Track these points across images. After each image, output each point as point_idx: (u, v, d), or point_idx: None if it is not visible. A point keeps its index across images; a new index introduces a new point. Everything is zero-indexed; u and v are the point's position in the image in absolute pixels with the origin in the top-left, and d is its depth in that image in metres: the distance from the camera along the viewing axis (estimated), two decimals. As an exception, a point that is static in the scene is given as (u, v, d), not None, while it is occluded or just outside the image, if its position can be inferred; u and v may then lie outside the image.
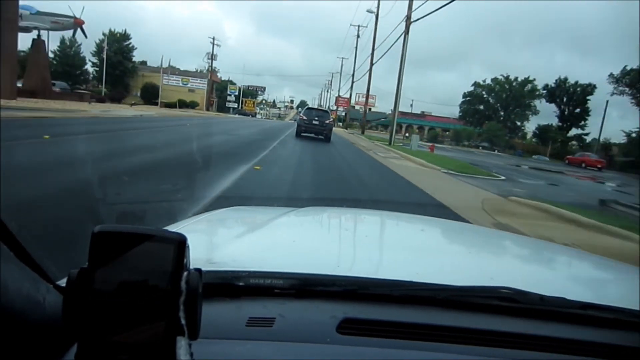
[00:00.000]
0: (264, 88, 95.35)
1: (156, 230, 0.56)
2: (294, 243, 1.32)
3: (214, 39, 63.18)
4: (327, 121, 21.59)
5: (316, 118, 21.40)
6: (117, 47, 56.17)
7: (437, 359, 0.73)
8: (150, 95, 54.06)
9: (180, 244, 0.54)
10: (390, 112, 78.72)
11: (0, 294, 0.51)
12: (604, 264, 1.60)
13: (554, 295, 0.86)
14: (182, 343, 0.54)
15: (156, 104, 50.34)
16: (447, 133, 68.89)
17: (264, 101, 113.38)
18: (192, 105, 57.15)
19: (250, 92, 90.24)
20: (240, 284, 0.84)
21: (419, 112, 77.60)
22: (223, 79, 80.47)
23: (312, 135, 21.34)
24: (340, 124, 69.78)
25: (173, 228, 1.18)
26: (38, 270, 0.62)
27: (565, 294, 0.87)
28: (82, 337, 0.53)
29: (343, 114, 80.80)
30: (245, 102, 79.97)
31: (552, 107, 57.39)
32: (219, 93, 72.63)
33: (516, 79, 60.26)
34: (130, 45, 58.85)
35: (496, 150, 51.40)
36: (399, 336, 0.76)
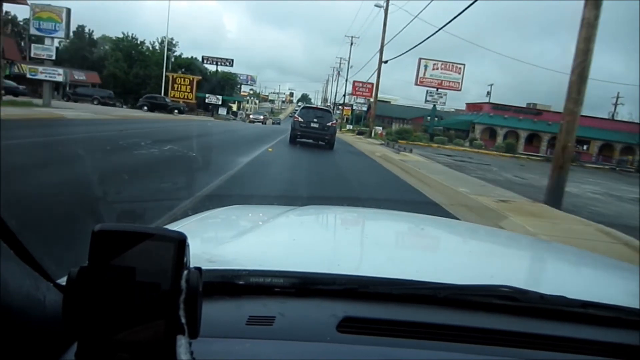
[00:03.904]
0: (232, 61, 51.90)
1: (156, 229, 0.56)
2: (294, 242, 1.32)
3: None
4: (329, 123, 16.99)
5: (315, 120, 16.55)
6: None
7: (437, 358, 0.73)
8: None
9: (180, 242, 0.54)
10: (454, 108, 47.77)
11: (0, 292, 0.51)
12: (604, 262, 1.60)
13: (553, 294, 0.86)
14: (182, 342, 0.54)
15: None
16: (586, 148, 39.80)
17: (252, 92, 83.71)
18: None
19: (228, 77, 55.69)
20: (241, 282, 0.84)
21: (525, 105, 44.52)
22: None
23: (311, 141, 16.65)
24: (382, 130, 38.46)
25: (173, 226, 1.19)
26: (38, 269, 0.62)
27: (565, 293, 0.87)
28: (82, 335, 0.53)
29: (364, 108, 53.01)
30: (175, 80, 44.20)
31: None
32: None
33: None
34: None
35: None
36: (399, 335, 0.76)
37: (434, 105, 37.95)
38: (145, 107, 34.21)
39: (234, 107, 61.40)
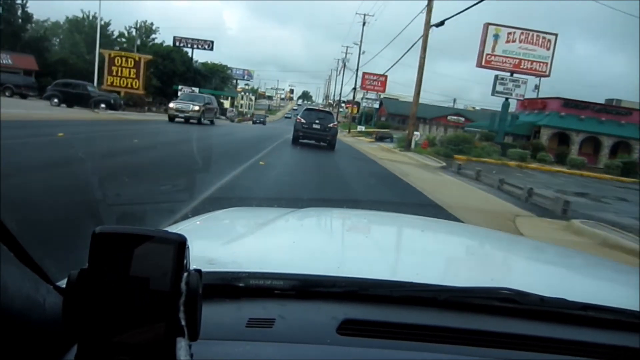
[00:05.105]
0: (211, 43, 41.99)
1: (156, 231, 0.56)
2: (294, 244, 1.32)
3: None
4: (331, 125, 17.32)
5: (317, 121, 16.93)
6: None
7: None
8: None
9: (180, 244, 0.55)
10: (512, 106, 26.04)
11: (0, 294, 0.51)
12: (604, 264, 1.60)
13: (554, 296, 0.86)
14: (182, 344, 0.54)
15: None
16: None
17: (247, 87, 73.86)
18: None
19: (217, 68, 47.22)
20: (241, 284, 0.84)
21: (603, 102, 31.68)
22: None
23: (313, 142, 16.97)
24: (420, 136, 24.24)
25: (173, 229, 1.18)
26: (38, 271, 0.62)
27: (566, 295, 0.87)
28: (82, 337, 0.53)
29: (376, 105, 46.37)
30: (113, 60, 30.95)
31: None
32: None
33: None
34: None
35: None
36: (400, 337, 0.76)
37: (506, 100, 24.21)
38: (56, 100, 23.01)
39: (227, 103, 50.00)
